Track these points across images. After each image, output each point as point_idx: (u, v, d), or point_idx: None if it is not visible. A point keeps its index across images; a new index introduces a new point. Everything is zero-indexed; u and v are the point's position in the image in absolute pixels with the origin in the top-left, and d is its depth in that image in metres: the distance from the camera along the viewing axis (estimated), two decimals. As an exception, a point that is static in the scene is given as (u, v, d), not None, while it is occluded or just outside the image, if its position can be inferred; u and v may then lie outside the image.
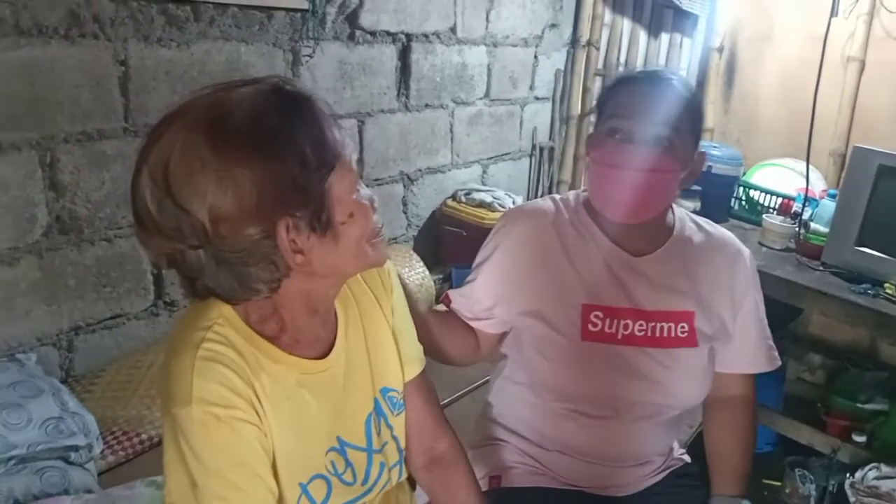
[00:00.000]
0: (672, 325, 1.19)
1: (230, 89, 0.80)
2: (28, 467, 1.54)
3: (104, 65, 1.86)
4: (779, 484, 2.30)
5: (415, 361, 1.08)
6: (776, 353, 1.30)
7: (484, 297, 1.24)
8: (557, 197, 1.27)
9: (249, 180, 0.76)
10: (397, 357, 1.04)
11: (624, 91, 1.15)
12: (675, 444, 1.36)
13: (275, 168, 0.77)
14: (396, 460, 1.05)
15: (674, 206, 1.25)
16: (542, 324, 1.19)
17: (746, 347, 1.27)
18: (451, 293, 1.29)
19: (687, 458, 1.37)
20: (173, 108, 0.80)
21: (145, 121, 1.97)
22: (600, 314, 1.17)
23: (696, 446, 1.41)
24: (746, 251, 1.26)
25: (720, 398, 1.30)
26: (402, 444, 1.06)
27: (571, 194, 1.28)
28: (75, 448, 1.61)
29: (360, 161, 2.66)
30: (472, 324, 1.26)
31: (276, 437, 0.87)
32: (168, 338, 0.89)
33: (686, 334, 1.19)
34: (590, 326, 1.17)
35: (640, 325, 1.18)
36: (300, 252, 0.82)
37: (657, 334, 1.18)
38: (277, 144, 0.78)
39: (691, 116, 1.14)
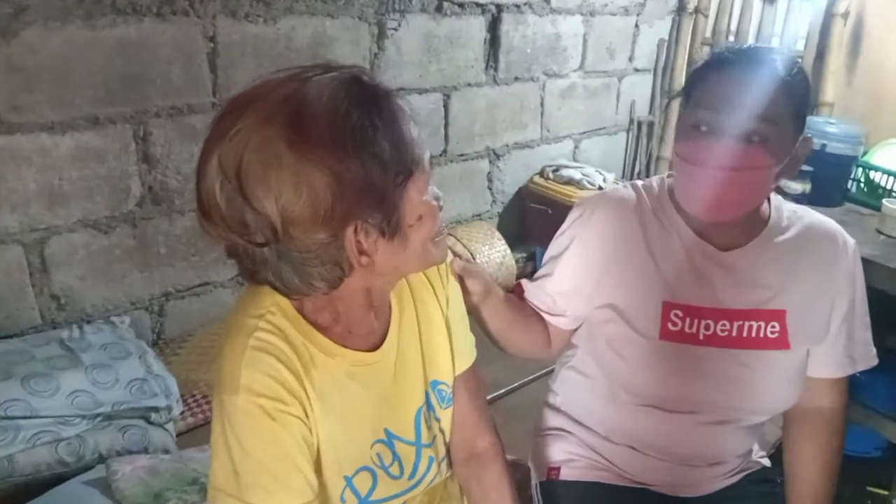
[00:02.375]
0: (761, 324, 1.08)
1: (306, 78, 0.76)
2: (113, 424, 1.64)
3: (194, 41, 1.92)
4: (886, 493, 2.10)
5: (466, 354, 1.04)
6: (872, 351, 1.15)
7: (559, 292, 1.17)
8: (640, 184, 1.16)
9: (326, 185, 0.72)
10: (449, 349, 1.01)
11: (713, 77, 1.01)
12: (756, 447, 1.26)
13: (354, 173, 0.73)
14: (445, 454, 1.03)
15: (771, 194, 1.13)
16: (618, 320, 1.11)
17: (835, 350, 1.13)
18: (525, 284, 1.23)
19: (767, 461, 1.26)
20: (246, 93, 0.76)
21: (233, 95, 2.02)
22: (680, 313, 1.08)
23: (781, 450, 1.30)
24: (851, 242, 1.12)
25: (805, 409, 1.17)
26: (448, 438, 1.03)
27: (655, 180, 1.17)
28: (156, 409, 1.71)
29: (446, 136, 2.62)
30: (547, 318, 1.19)
31: (323, 430, 0.86)
32: (226, 318, 0.87)
33: (777, 335, 1.08)
34: (669, 325, 1.08)
35: (724, 324, 1.07)
36: (366, 254, 0.79)
37: (744, 334, 1.08)
38: (358, 147, 0.73)
39: (792, 102, 0.99)
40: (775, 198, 1.13)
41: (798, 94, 1.00)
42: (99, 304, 1.95)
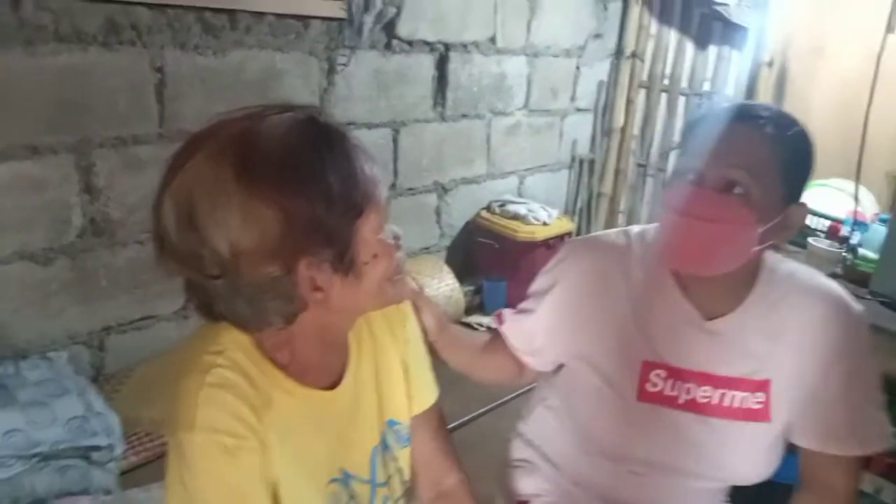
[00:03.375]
0: (746, 395, 1.04)
1: (262, 117, 0.76)
2: (50, 465, 1.57)
3: (141, 71, 1.90)
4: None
5: (427, 394, 1.05)
6: (886, 430, 1.04)
7: (538, 330, 1.14)
8: (634, 231, 1.12)
9: (273, 219, 0.73)
10: (405, 390, 1.01)
11: (700, 126, 0.99)
12: None
13: (301, 208, 0.74)
14: (401, 493, 1.03)
15: (766, 252, 1.05)
16: (595, 375, 1.08)
17: (833, 422, 1.04)
18: (506, 314, 1.20)
19: None
20: (202, 131, 0.77)
21: (179, 127, 2.00)
22: (662, 373, 1.05)
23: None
24: (855, 309, 1.04)
25: (807, 482, 1.09)
26: (407, 477, 1.03)
27: (651, 229, 1.11)
28: (97, 448, 1.64)
29: (395, 170, 2.65)
30: (521, 357, 1.17)
31: (280, 467, 0.84)
32: (177, 353, 0.85)
33: (761, 406, 1.04)
34: (648, 386, 1.05)
35: (705, 391, 1.04)
36: (319, 290, 0.79)
37: (725, 403, 1.04)
38: (306, 183, 0.74)
39: (781, 161, 0.94)
40: (771, 256, 1.07)
41: (789, 155, 0.95)
42: (34, 338, 1.87)
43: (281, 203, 0.73)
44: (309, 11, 2.18)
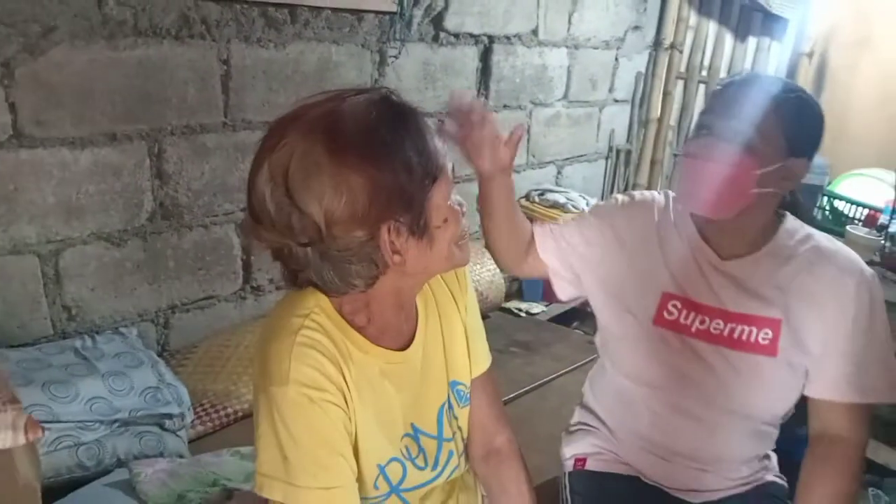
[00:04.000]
0: (754, 329, 1.16)
1: (342, 98, 0.86)
2: (129, 430, 1.69)
3: (209, 63, 2.01)
4: None
5: (482, 359, 1.13)
6: (891, 385, 1.14)
7: (568, 236, 1.28)
8: (671, 193, 1.29)
9: (362, 187, 0.82)
10: (467, 353, 1.10)
11: (720, 91, 1.16)
12: (771, 462, 1.30)
13: (386, 177, 0.83)
14: (463, 449, 1.11)
15: (788, 216, 1.21)
16: (619, 303, 1.23)
17: (837, 374, 1.14)
18: (540, 226, 1.33)
19: (781, 480, 1.29)
20: (287, 114, 0.86)
21: (243, 116, 2.11)
22: (678, 304, 1.19)
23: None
24: (866, 272, 1.15)
25: (820, 434, 1.18)
26: (466, 435, 1.12)
27: None
28: (170, 416, 1.76)
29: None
30: (543, 255, 1.29)
31: (360, 420, 0.93)
32: (267, 321, 0.95)
33: (768, 342, 1.15)
34: (665, 313, 1.19)
35: (718, 323, 1.17)
36: (398, 253, 0.88)
37: (734, 336, 1.16)
38: (389, 155, 0.83)
39: (782, 122, 1.10)
40: (793, 221, 1.21)
41: (791, 113, 1.10)
42: (108, 315, 1.99)
43: (368, 172, 0.82)
44: (363, 6, 2.27)
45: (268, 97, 2.14)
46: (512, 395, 2.21)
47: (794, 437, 1.30)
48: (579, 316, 3.01)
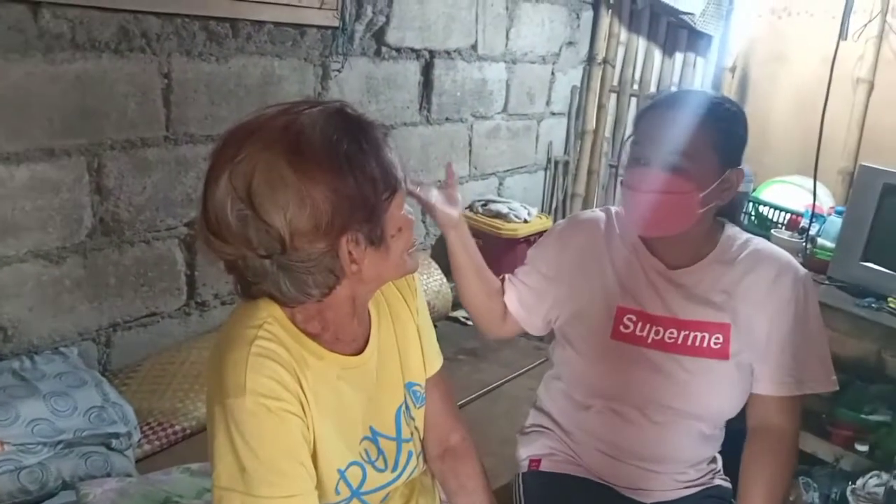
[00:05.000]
0: (706, 335, 1.21)
1: (299, 111, 0.87)
2: (74, 451, 1.65)
3: (149, 77, 1.99)
4: None
5: (435, 359, 1.17)
6: (830, 377, 1.24)
7: (533, 291, 1.32)
8: (613, 209, 1.34)
9: (326, 199, 0.83)
10: (420, 353, 1.13)
11: (646, 117, 1.21)
12: (718, 465, 1.35)
13: (349, 189, 0.85)
14: (421, 449, 1.14)
15: (727, 224, 1.27)
16: (580, 322, 1.27)
17: (779, 369, 1.21)
18: (507, 277, 1.37)
19: (726, 483, 1.35)
20: (242, 125, 0.87)
21: (185, 130, 2.09)
22: (633, 317, 1.23)
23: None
24: (800, 271, 1.23)
25: (757, 428, 1.25)
26: (422, 435, 1.15)
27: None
28: (116, 435, 1.72)
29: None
30: (514, 311, 1.33)
31: (318, 426, 0.94)
32: (220, 333, 0.96)
33: (719, 346, 1.21)
34: (621, 328, 1.23)
35: (671, 332, 1.22)
36: (356, 262, 0.90)
37: (688, 343, 1.21)
38: (352, 167, 0.85)
39: (712, 137, 1.15)
40: (731, 228, 1.27)
41: (720, 131, 1.16)
42: (46, 335, 1.94)
43: (332, 184, 0.83)
44: (305, 20, 2.29)
45: (210, 111, 2.13)
46: (462, 401, 2.25)
47: (736, 435, 1.35)
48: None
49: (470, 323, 2.96)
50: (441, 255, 3.02)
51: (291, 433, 0.91)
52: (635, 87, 3.50)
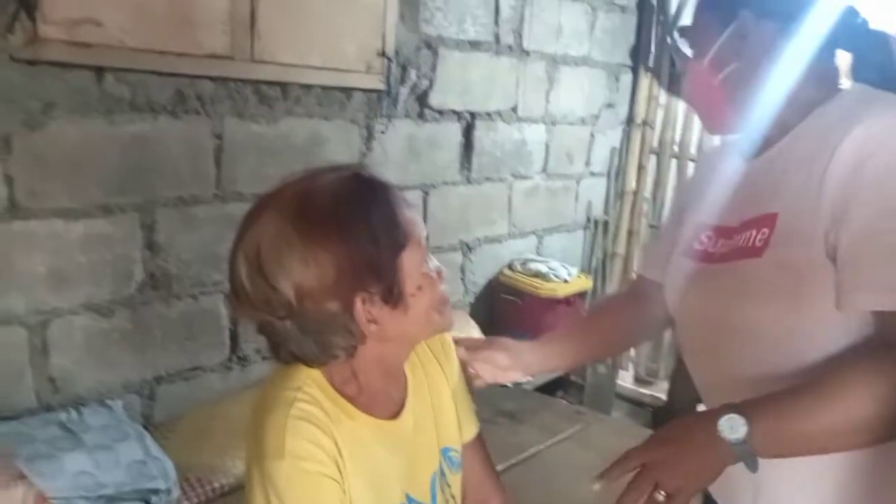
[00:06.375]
0: (752, 232, 0.96)
1: (316, 177, 0.92)
2: (114, 506, 1.64)
3: (202, 137, 2.07)
4: None
5: (471, 423, 1.15)
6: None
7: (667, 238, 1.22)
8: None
9: (329, 260, 0.86)
10: (456, 418, 1.12)
11: None
12: None
13: (351, 248, 0.87)
14: None
15: (843, 91, 0.96)
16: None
17: (839, 277, 0.86)
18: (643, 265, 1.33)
19: None
20: (266, 194, 0.92)
21: (234, 188, 2.15)
22: (710, 234, 1.07)
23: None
24: (867, 143, 0.84)
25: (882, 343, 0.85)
26: (460, 502, 1.12)
27: None
28: (156, 491, 1.72)
29: (424, 229, 2.80)
30: (652, 276, 1.23)
31: (354, 491, 0.93)
32: (260, 394, 0.97)
33: (762, 243, 0.93)
34: (696, 245, 1.09)
35: (722, 242, 1.03)
36: (374, 322, 0.91)
37: (737, 245, 0.99)
38: (354, 227, 0.88)
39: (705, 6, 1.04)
40: (847, 95, 0.96)
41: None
42: (93, 386, 1.96)
43: (333, 244, 0.86)
44: (352, 84, 2.37)
45: (258, 170, 2.20)
46: (500, 468, 2.19)
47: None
48: (564, 385, 3.03)
49: (509, 384, 2.91)
50: (478, 314, 3.02)
51: (329, 497, 0.90)
52: (675, 148, 3.51)
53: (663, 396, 3.33)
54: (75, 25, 1.72)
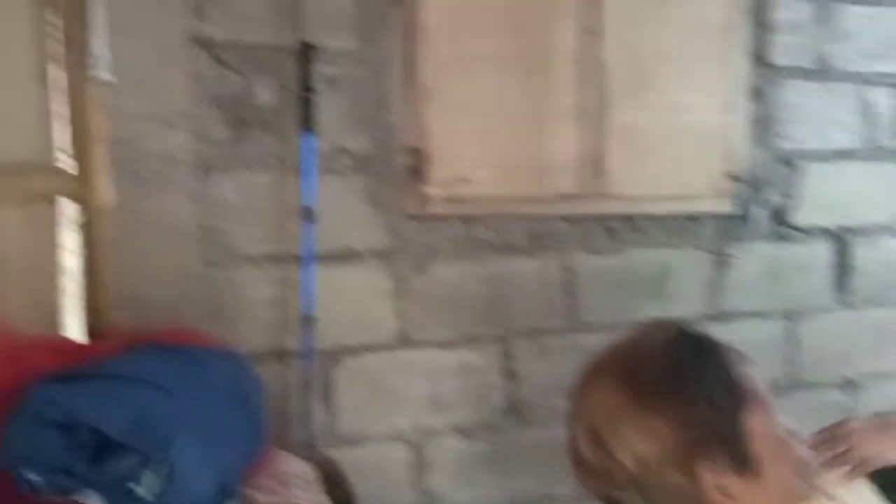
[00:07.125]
0: None
1: (639, 338, 0.90)
2: None
3: (553, 272, 2.22)
4: None
5: None
6: None
7: None
8: None
9: (666, 427, 0.82)
10: None
11: None
12: None
13: (686, 413, 0.82)
14: None
15: None
16: None
17: None
18: None
19: None
20: (596, 358, 0.91)
21: (584, 318, 2.23)
22: None
23: None
24: None
25: None
26: None
27: None
28: None
29: (792, 362, 2.50)
30: None
31: None
32: None
33: None
34: None
35: None
36: (729, 496, 0.83)
37: None
38: (687, 391, 0.83)
39: None
40: None
41: None
42: (461, 503, 2.14)
43: (668, 411, 0.81)
44: (700, 209, 2.32)
45: (606, 302, 2.25)
46: None
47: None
48: None
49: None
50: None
51: None
52: None
53: None
54: (451, 185, 2.06)
